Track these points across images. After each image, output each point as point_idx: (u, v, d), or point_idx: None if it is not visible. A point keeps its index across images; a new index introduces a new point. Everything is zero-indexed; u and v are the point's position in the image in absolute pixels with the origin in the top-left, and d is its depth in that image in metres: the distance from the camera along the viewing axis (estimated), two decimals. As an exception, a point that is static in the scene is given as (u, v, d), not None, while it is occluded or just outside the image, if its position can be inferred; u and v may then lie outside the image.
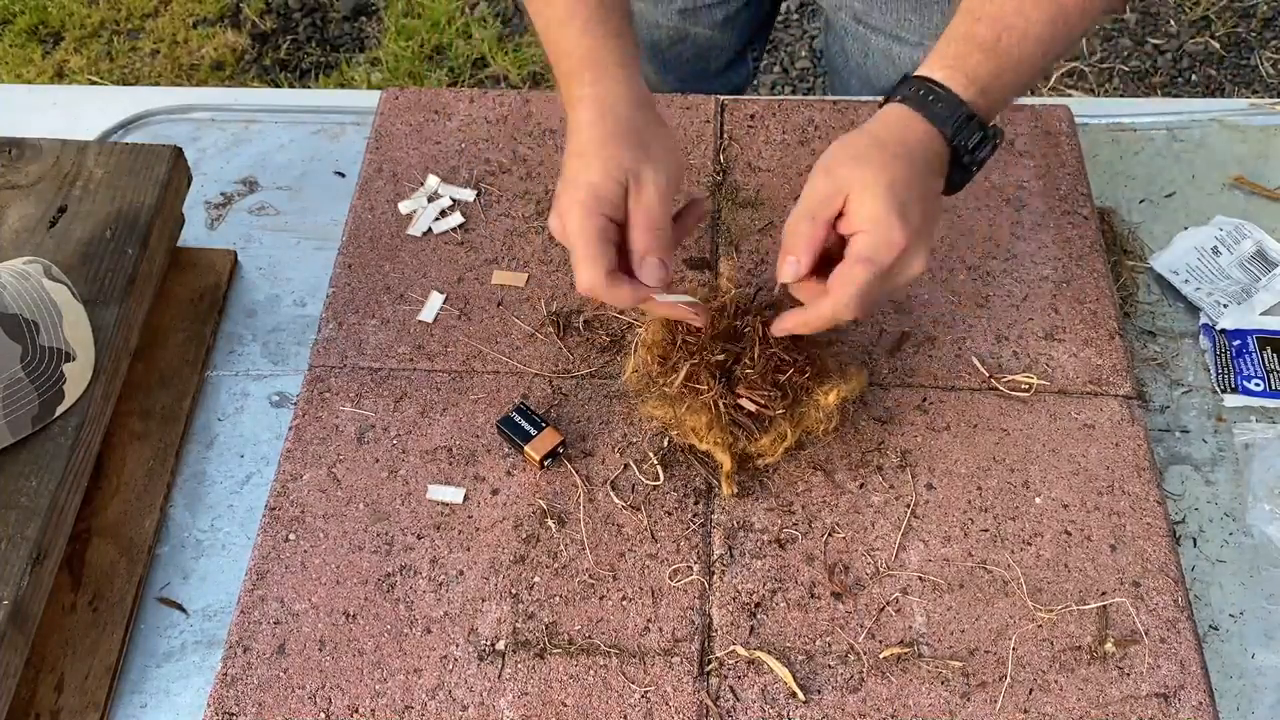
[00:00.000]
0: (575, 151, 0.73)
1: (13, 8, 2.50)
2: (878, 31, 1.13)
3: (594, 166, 0.71)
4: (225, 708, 0.72)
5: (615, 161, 0.71)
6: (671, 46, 1.23)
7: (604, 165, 0.71)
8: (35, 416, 0.77)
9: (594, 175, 0.71)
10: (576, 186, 0.71)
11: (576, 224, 0.71)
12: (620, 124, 0.73)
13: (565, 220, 0.72)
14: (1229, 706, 0.74)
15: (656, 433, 0.82)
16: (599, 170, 0.71)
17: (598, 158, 0.71)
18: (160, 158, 0.92)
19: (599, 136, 0.72)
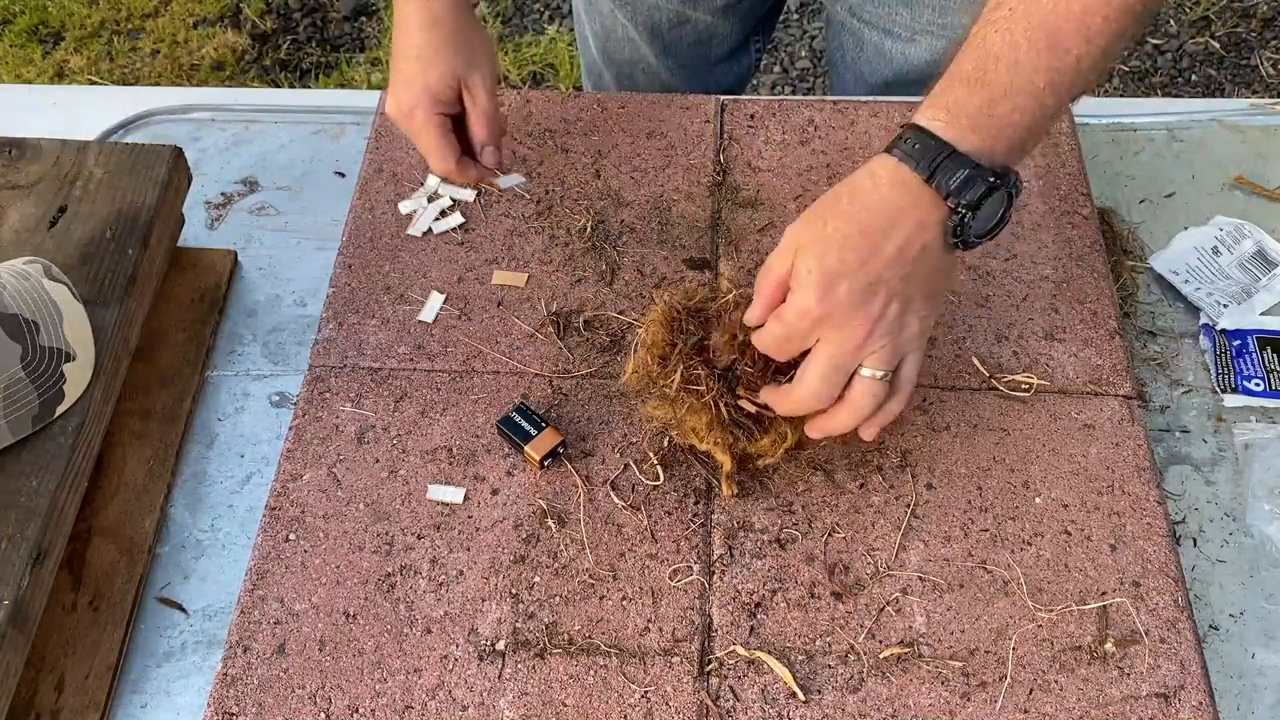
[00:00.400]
0: (411, 54, 0.86)
1: (13, 8, 2.51)
2: (871, 26, 1.13)
3: (430, 71, 0.85)
4: (225, 708, 0.72)
5: (448, 67, 0.86)
6: (672, 29, 1.23)
7: (439, 70, 0.85)
8: (35, 416, 0.77)
9: (431, 79, 0.85)
10: (416, 88, 0.86)
11: (421, 121, 0.86)
12: (450, 31, 0.86)
13: (410, 116, 0.87)
14: (1229, 706, 0.74)
15: (656, 433, 0.82)
16: (435, 75, 0.85)
17: (433, 63, 0.85)
18: (160, 158, 0.92)
19: (433, 42, 0.85)
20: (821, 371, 0.70)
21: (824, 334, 0.69)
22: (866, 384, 0.71)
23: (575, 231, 0.94)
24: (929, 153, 0.67)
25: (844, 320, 0.68)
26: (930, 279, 0.70)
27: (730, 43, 1.27)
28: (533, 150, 1.00)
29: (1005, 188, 0.68)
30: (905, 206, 0.68)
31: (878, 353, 0.70)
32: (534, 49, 2.36)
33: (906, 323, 0.70)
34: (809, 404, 0.72)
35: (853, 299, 0.68)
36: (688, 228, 0.95)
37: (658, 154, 1.00)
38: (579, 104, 1.04)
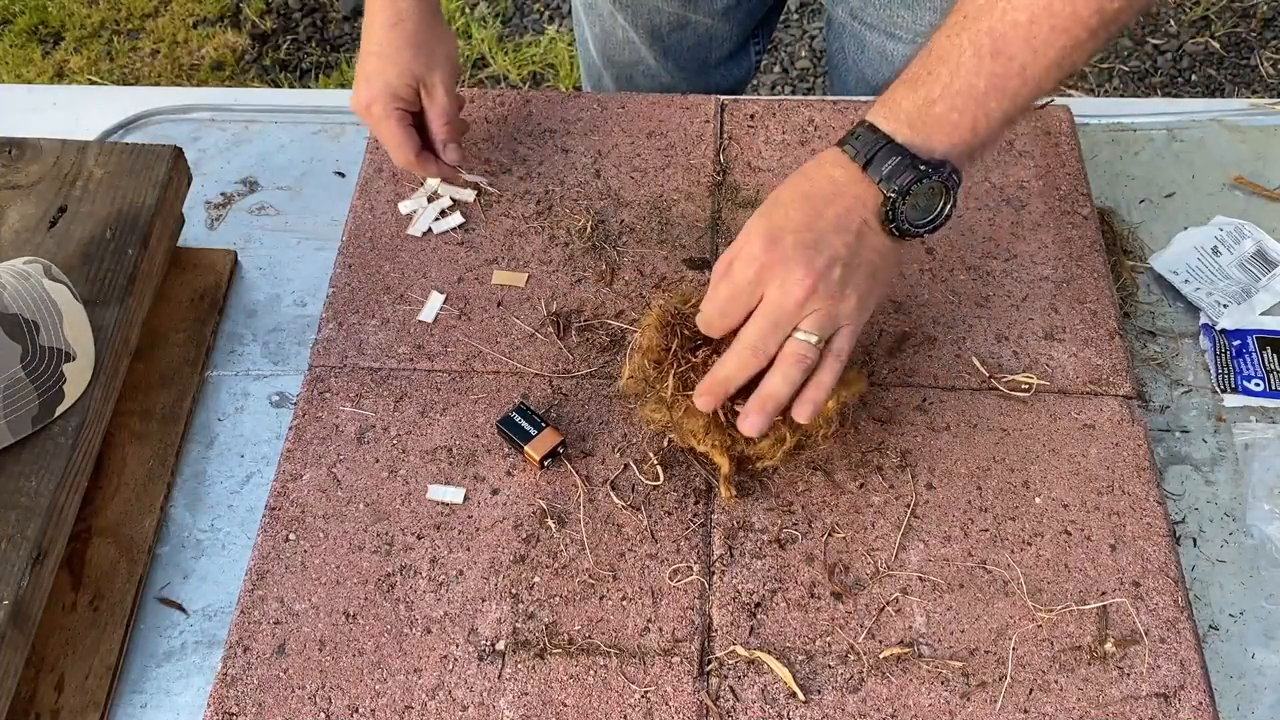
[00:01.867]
0: (374, 51, 0.90)
1: (13, 8, 2.51)
2: (872, 28, 1.13)
3: (390, 69, 0.89)
4: (225, 708, 0.72)
5: (407, 66, 0.89)
6: (672, 33, 1.23)
7: (399, 69, 0.89)
8: (35, 416, 0.77)
9: (390, 77, 0.89)
10: (376, 84, 0.90)
11: (379, 116, 0.90)
12: (412, 32, 0.89)
13: (369, 111, 0.91)
14: (1229, 706, 0.74)
15: (656, 433, 0.82)
16: (395, 73, 0.89)
17: (394, 61, 0.89)
18: (160, 158, 0.92)
19: (394, 41, 0.89)
20: (759, 326, 0.72)
21: (767, 288, 0.71)
22: (798, 344, 0.72)
23: (575, 231, 0.94)
24: (868, 144, 0.72)
25: (788, 272, 0.71)
26: (873, 259, 0.73)
27: (730, 45, 1.27)
28: (533, 150, 1.00)
29: (939, 179, 0.71)
30: (845, 183, 0.73)
31: (814, 314, 0.71)
32: (534, 49, 2.36)
33: (846, 293, 0.72)
34: (745, 361, 0.72)
35: (797, 251, 0.71)
36: (688, 228, 0.95)
37: (658, 154, 1.00)
38: (579, 104, 1.04)
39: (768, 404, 0.73)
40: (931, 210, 0.73)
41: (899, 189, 0.71)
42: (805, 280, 0.70)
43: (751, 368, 0.73)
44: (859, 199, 0.72)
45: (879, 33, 1.13)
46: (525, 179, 0.98)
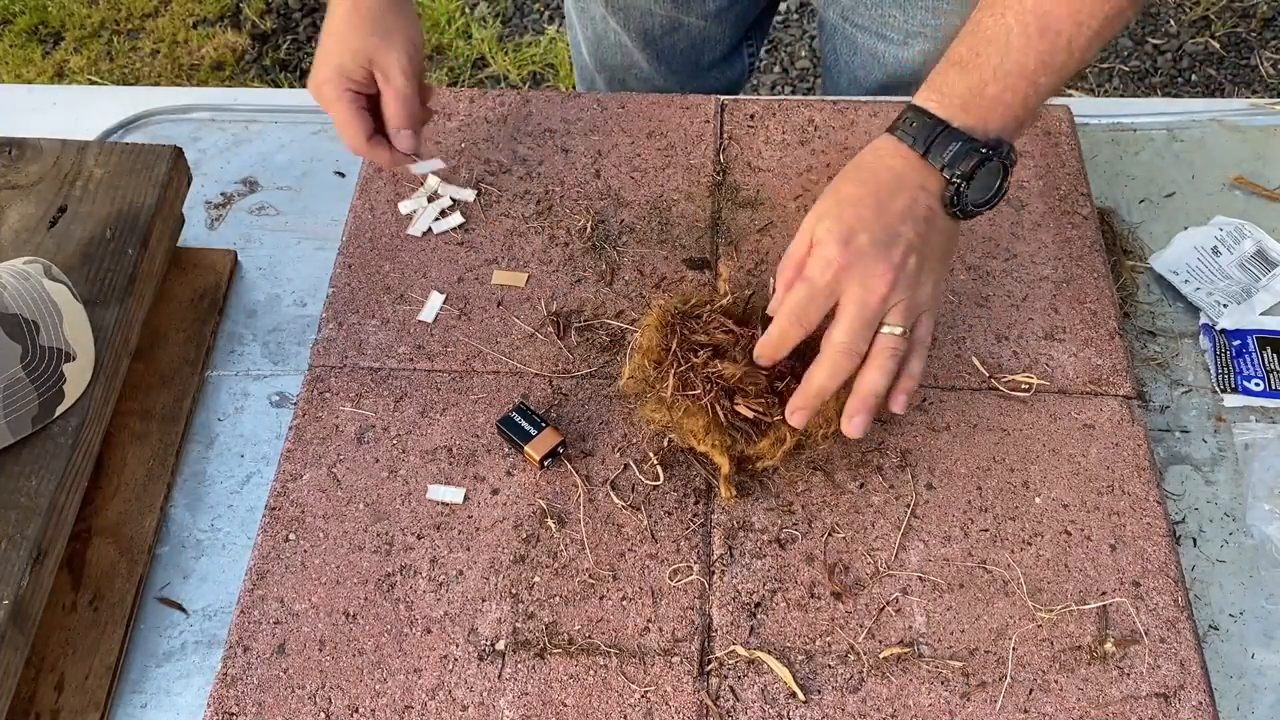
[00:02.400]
0: (330, 32, 0.89)
1: (13, 8, 2.51)
2: (864, 30, 1.13)
3: (344, 51, 0.87)
4: (225, 708, 0.72)
5: (360, 48, 0.87)
6: (665, 36, 1.22)
7: (352, 51, 0.87)
8: (35, 416, 0.77)
9: (343, 58, 0.87)
10: (329, 65, 0.88)
11: (330, 97, 0.88)
12: (371, 15, 0.88)
13: (320, 92, 0.89)
14: (1229, 706, 0.74)
15: (656, 433, 0.82)
16: (348, 55, 0.87)
17: (348, 43, 0.87)
18: (160, 158, 0.92)
19: (352, 22, 0.88)
20: (848, 327, 0.72)
21: (846, 288, 0.72)
22: (888, 339, 0.73)
23: (575, 231, 0.94)
24: (924, 130, 0.73)
25: (867, 270, 0.71)
26: (941, 243, 0.74)
27: (723, 48, 1.27)
28: (533, 150, 1.00)
29: (999, 158, 0.73)
30: (907, 172, 0.73)
31: (898, 306, 0.72)
32: (534, 49, 2.36)
33: (922, 280, 0.73)
34: (840, 365, 0.72)
35: (874, 248, 0.71)
36: (688, 228, 0.95)
37: (658, 154, 1.00)
38: (579, 104, 1.04)
39: (869, 400, 0.74)
40: (990, 188, 0.74)
41: (963, 174, 0.72)
42: (886, 275, 0.71)
43: (846, 371, 0.73)
44: (922, 187, 0.73)
45: (870, 34, 1.13)
46: (525, 179, 0.98)
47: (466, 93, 1.05)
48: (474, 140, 1.01)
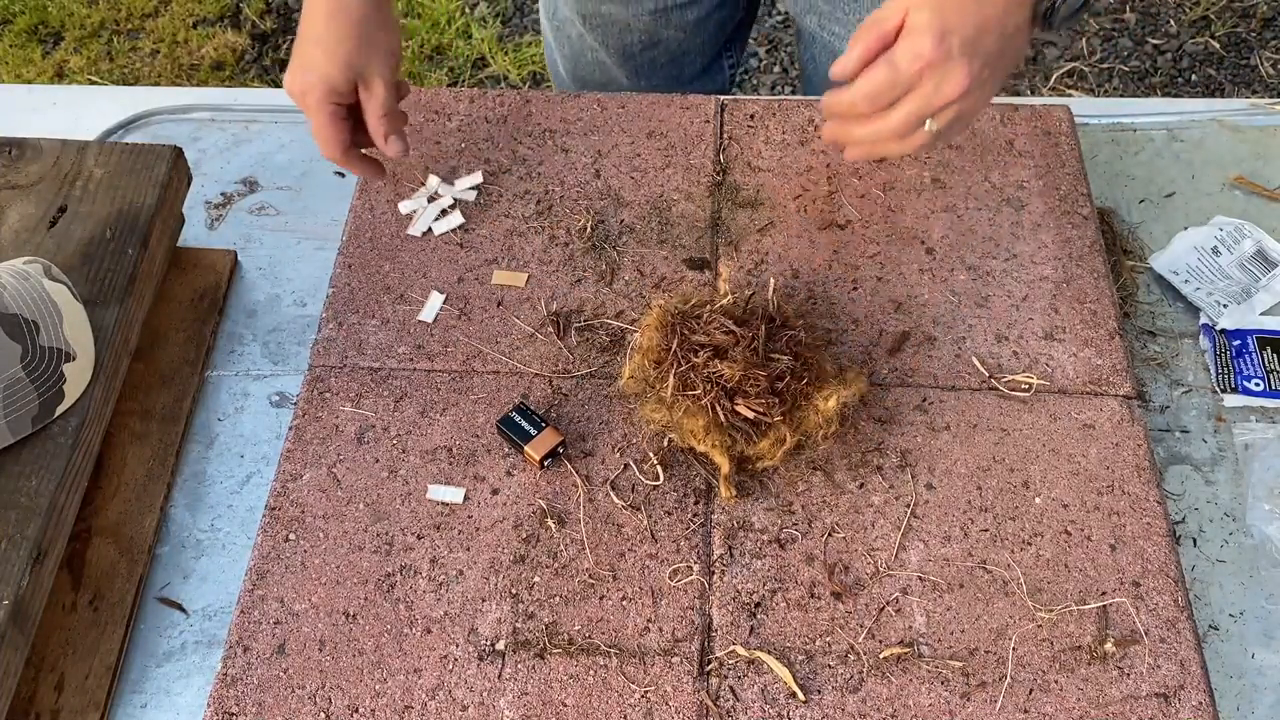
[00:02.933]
0: (312, 39, 0.86)
1: (13, 8, 2.51)
2: (841, 37, 1.13)
3: (329, 60, 0.85)
4: (225, 708, 0.72)
5: (346, 58, 0.86)
6: (644, 51, 1.22)
7: (337, 61, 0.85)
8: (35, 416, 0.77)
9: (329, 68, 0.85)
10: (312, 74, 0.86)
11: (313, 107, 0.87)
12: (354, 22, 0.86)
13: (303, 100, 0.87)
14: (1229, 706, 0.74)
15: (656, 433, 0.82)
16: (333, 65, 0.85)
17: (333, 54, 0.85)
18: (160, 158, 0.92)
19: (337, 31, 0.85)
20: (904, 116, 0.75)
21: (922, 84, 0.74)
22: (925, 136, 0.77)
23: (575, 231, 0.94)
24: None
25: (946, 73, 0.74)
26: (1010, 61, 0.77)
27: (703, 60, 1.26)
28: (533, 150, 1.00)
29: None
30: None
31: (951, 110, 0.75)
32: (534, 49, 2.36)
33: (985, 93, 0.76)
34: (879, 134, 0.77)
35: (962, 52, 0.73)
36: (688, 228, 0.95)
37: (658, 154, 1.00)
38: (579, 104, 1.04)
39: (870, 151, 0.81)
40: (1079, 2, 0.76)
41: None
42: (962, 83, 0.74)
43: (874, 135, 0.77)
44: (1019, 2, 0.75)
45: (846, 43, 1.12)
46: (525, 179, 0.98)
47: (466, 93, 1.05)
48: (474, 140, 1.01)
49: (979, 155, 0.98)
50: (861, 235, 0.93)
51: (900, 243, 0.93)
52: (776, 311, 0.81)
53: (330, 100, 0.87)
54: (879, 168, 0.98)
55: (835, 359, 0.84)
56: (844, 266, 0.92)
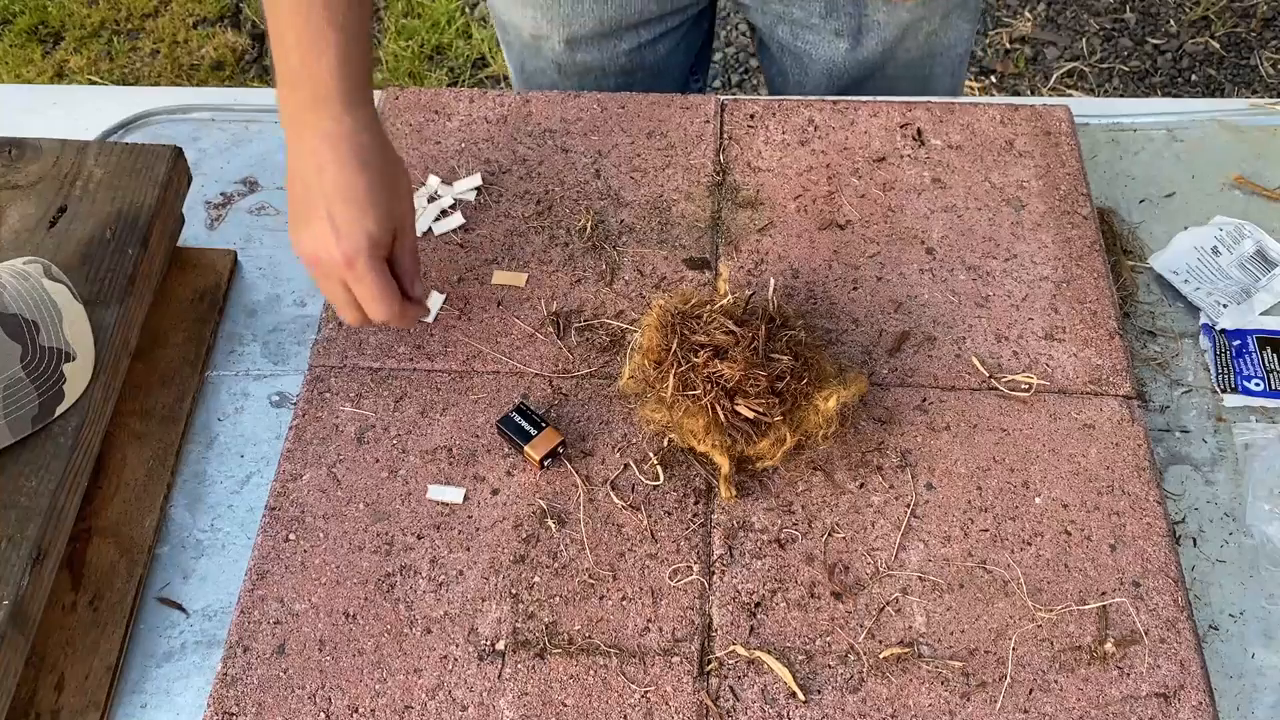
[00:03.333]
0: (343, 196, 0.77)
1: (13, 8, 2.51)
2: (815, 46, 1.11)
3: (370, 216, 0.77)
4: (225, 708, 0.72)
5: (386, 211, 0.78)
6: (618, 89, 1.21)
7: (378, 217, 0.77)
8: (35, 416, 0.77)
9: (371, 226, 0.77)
10: (357, 236, 0.77)
11: (364, 269, 0.77)
12: (380, 172, 0.78)
13: (351, 266, 0.77)
14: (1229, 706, 0.74)
15: (656, 433, 0.82)
16: (375, 221, 0.77)
17: (372, 208, 0.77)
18: (160, 158, 0.92)
19: (365, 184, 0.77)
20: None
21: None
22: None
23: (575, 231, 0.95)
24: None
25: None
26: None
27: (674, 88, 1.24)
28: (533, 150, 1.00)
29: None
30: None
31: None
32: (534, 49, 2.36)
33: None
34: None
35: None
36: (688, 228, 0.95)
37: (658, 154, 1.00)
38: (579, 104, 1.04)
39: None
40: None
41: None
42: None
43: None
44: None
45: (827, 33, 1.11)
46: (525, 179, 0.98)
47: (466, 93, 1.05)
48: (474, 140, 1.01)
49: (979, 155, 0.98)
50: (861, 235, 0.93)
51: (900, 243, 0.93)
52: (776, 311, 0.81)
53: (380, 259, 0.78)
54: (879, 167, 0.98)
55: (835, 359, 0.84)
56: (844, 266, 0.92)
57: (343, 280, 0.78)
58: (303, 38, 0.76)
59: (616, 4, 1.11)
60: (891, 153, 0.99)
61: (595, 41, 1.14)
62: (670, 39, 1.18)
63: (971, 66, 2.38)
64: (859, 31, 1.09)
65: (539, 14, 1.12)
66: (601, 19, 1.12)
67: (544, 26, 1.13)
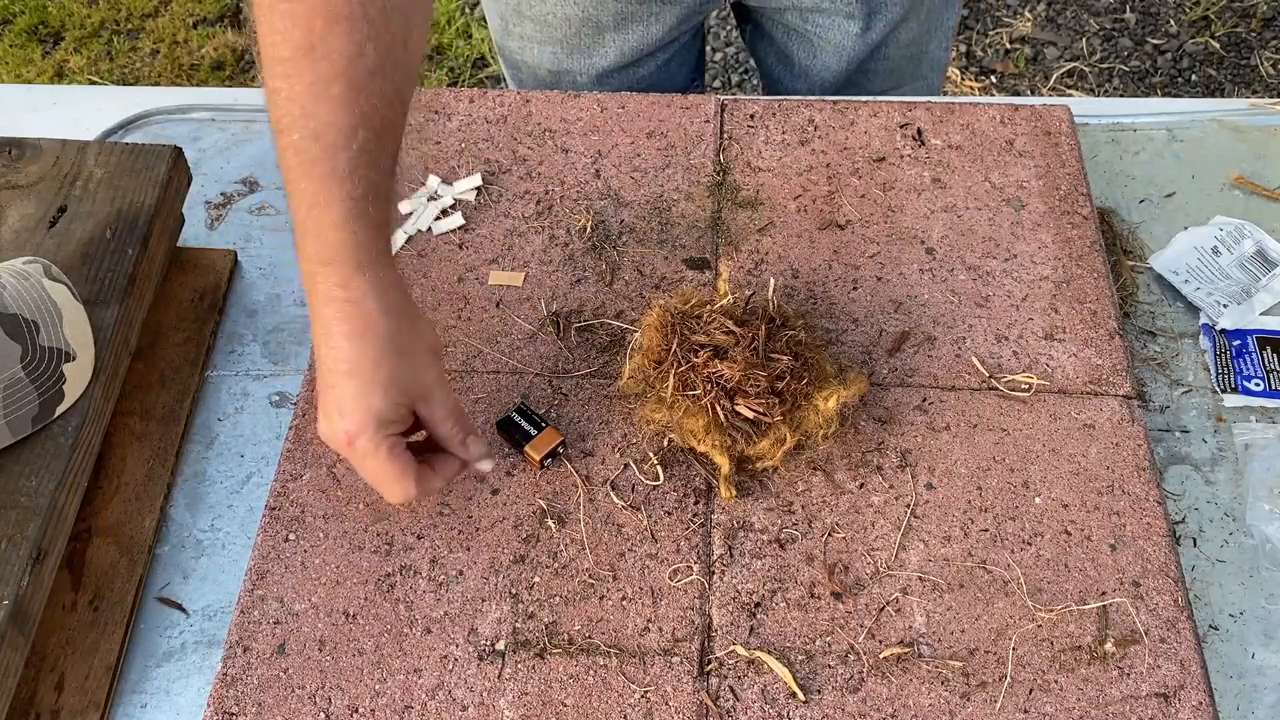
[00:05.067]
0: (346, 370, 0.68)
1: (13, 8, 2.51)
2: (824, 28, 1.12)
3: (375, 393, 0.68)
4: (225, 708, 0.72)
5: (395, 385, 0.69)
6: None
7: (385, 392, 0.68)
8: (35, 416, 0.77)
9: (377, 402, 0.68)
10: (361, 413, 0.68)
11: (366, 450, 0.69)
12: (392, 339, 0.69)
13: (352, 446, 0.69)
14: (1229, 706, 0.74)
15: (656, 433, 0.82)
16: (381, 397, 0.68)
17: (377, 384, 0.68)
18: (160, 158, 0.92)
19: (374, 357, 0.68)
20: None
21: None
22: None
23: (575, 231, 0.94)
24: None
25: None
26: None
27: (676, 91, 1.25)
28: (533, 150, 1.00)
29: None
30: None
31: None
32: (534, 49, 2.36)
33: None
34: None
35: None
36: (688, 228, 0.95)
37: (658, 154, 1.00)
38: (579, 104, 1.04)
39: None
40: None
41: None
42: None
43: None
44: None
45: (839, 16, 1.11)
46: (525, 179, 0.98)
47: (466, 93, 1.05)
48: (474, 140, 1.01)
49: (979, 155, 0.98)
50: (861, 235, 0.93)
51: (900, 243, 0.93)
52: (776, 311, 0.81)
53: (387, 438, 0.69)
54: (879, 167, 0.98)
55: (835, 359, 0.84)
56: (844, 266, 0.92)
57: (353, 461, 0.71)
58: (307, 188, 0.68)
59: (638, 34, 1.11)
60: (891, 153, 0.99)
61: (616, 73, 1.15)
62: (680, 55, 1.19)
63: (972, 67, 2.38)
64: (870, 14, 1.09)
65: (560, 52, 1.13)
66: (623, 50, 1.12)
67: (565, 63, 1.14)
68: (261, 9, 0.65)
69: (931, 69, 1.21)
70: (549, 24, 1.10)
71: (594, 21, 1.09)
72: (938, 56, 1.20)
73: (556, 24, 1.10)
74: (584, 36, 1.11)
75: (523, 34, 1.13)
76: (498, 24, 1.17)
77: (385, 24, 0.66)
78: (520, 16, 1.12)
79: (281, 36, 0.64)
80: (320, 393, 0.70)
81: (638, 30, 1.11)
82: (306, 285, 0.69)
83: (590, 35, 1.10)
